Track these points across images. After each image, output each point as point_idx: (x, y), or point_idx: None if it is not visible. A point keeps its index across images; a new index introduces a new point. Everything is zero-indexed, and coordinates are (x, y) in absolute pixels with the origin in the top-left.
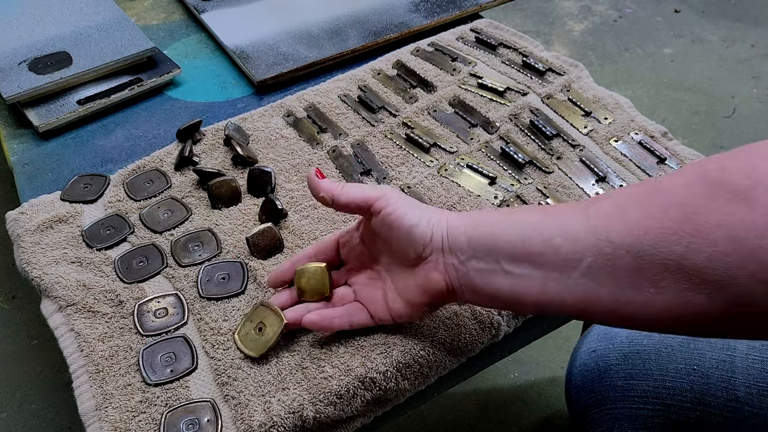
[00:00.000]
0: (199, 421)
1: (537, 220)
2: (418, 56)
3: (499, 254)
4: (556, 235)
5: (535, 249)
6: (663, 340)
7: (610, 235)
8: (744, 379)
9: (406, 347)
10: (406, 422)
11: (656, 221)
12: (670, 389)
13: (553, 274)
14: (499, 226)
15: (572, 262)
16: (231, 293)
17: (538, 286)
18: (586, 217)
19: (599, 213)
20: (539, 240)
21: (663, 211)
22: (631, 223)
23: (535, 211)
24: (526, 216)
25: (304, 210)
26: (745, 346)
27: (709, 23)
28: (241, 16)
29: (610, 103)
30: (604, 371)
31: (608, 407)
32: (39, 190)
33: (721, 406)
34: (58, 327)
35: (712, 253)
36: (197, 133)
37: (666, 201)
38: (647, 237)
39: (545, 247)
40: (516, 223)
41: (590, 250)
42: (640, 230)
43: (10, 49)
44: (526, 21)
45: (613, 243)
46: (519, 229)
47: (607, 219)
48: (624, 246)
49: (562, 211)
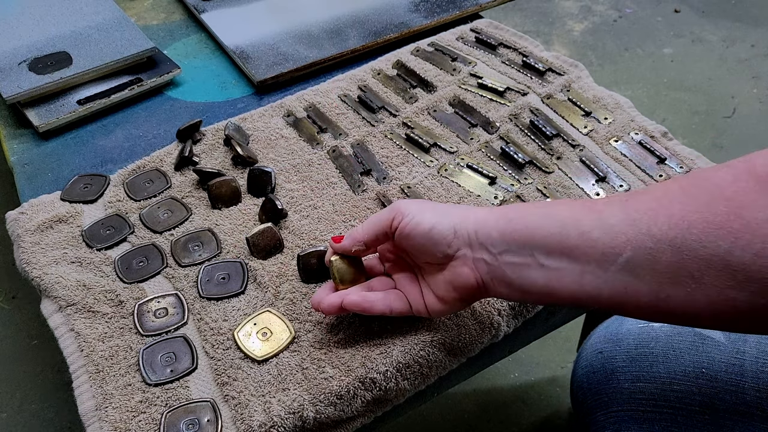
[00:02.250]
0: (199, 421)
1: (574, 212)
2: (418, 56)
3: (535, 247)
4: (595, 228)
5: (572, 242)
6: (671, 343)
7: (652, 229)
8: (753, 382)
9: (406, 347)
10: (406, 422)
11: (701, 215)
12: (678, 392)
13: (591, 267)
14: (533, 220)
15: (611, 255)
16: (231, 293)
17: (574, 279)
18: (625, 210)
19: (640, 207)
20: (576, 233)
21: (708, 205)
22: (675, 217)
23: (572, 204)
24: (563, 208)
25: (304, 210)
26: (754, 349)
27: (709, 23)
28: (241, 16)
29: (610, 103)
30: (611, 373)
31: (615, 409)
32: (39, 190)
33: (729, 410)
34: (58, 327)
35: (760, 249)
36: (197, 133)
37: (711, 195)
38: (691, 231)
39: (583, 241)
40: (552, 216)
41: (630, 244)
42: (684, 224)
43: (10, 49)
44: (526, 21)
45: (654, 237)
46: (555, 222)
47: (648, 213)
48: (666, 240)
49: (600, 205)
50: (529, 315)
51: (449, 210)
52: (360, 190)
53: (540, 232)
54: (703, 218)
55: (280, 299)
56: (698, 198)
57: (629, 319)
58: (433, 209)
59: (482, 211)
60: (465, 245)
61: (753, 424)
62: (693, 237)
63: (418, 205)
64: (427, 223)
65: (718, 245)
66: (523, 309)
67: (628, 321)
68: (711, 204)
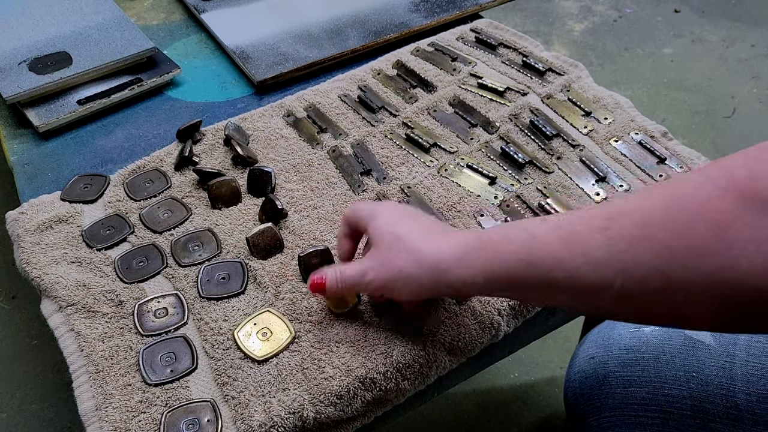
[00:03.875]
0: (199, 421)
1: (556, 250)
2: (418, 56)
3: (522, 291)
4: (582, 264)
5: (562, 284)
6: (662, 347)
7: (638, 258)
8: (743, 386)
9: (406, 347)
10: (406, 422)
11: (684, 242)
12: (669, 397)
13: (581, 298)
14: (515, 269)
15: (602, 288)
16: (231, 293)
17: (568, 302)
18: (609, 241)
19: (624, 235)
20: (564, 276)
21: (690, 229)
22: (659, 245)
23: (549, 241)
24: (544, 248)
25: (304, 210)
26: (744, 353)
27: (709, 23)
28: (241, 16)
29: (610, 103)
30: (603, 378)
31: (607, 414)
32: (39, 190)
33: (720, 414)
34: (58, 327)
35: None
36: (197, 133)
37: (693, 216)
38: (674, 258)
39: (572, 280)
40: (535, 264)
41: (620, 275)
42: (667, 251)
43: (10, 49)
44: (526, 21)
45: (642, 266)
46: (540, 271)
47: (632, 242)
48: (653, 269)
49: (581, 237)
50: (529, 315)
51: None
52: (360, 190)
53: (526, 282)
54: (686, 244)
55: (280, 299)
56: (679, 222)
57: (620, 324)
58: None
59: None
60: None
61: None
62: (677, 263)
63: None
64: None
65: (702, 269)
66: (523, 309)
67: (619, 326)
68: (693, 227)
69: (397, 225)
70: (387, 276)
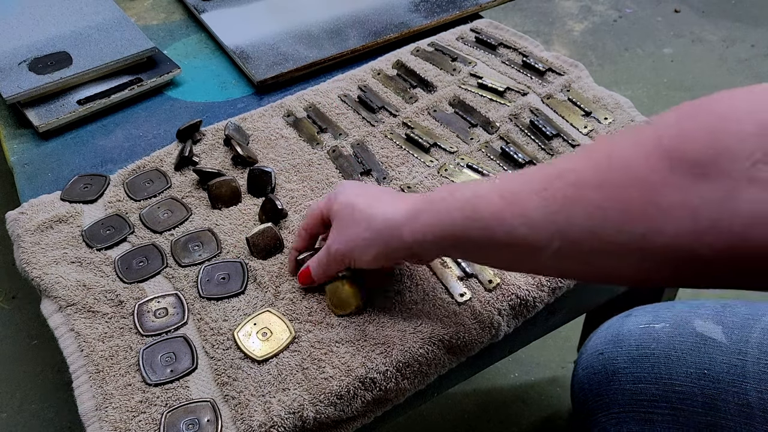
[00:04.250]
0: (199, 421)
1: (498, 209)
2: (418, 56)
3: (468, 250)
4: (520, 225)
5: (503, 242)
6: (672, 344)
7: (572, 220)
8: (755, 383)
9: (406, 347)
10: (406, 422)
11: (615, 204)
12: (679, 393)
13: (521, 257)
14: (461, 229)
15: (540, 248)
16: (231, 293)
17: (512, 261)
18: (545, 202)
19: (557, 197)
20: (503, 233)
21: (622, 191)
22: (591, 207)
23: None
24: (486, 206)
25: (304, 210)
26: (756, 350)
27: (709, 23)
28: (241, 16)
29: (610, 103)
30: (612, 374)
31: (616, 410)
32: (39, 190)
33: (732, 411)
34: (58, 327)
35: (675, 232)
36: (197, 133)
37: (624, 177)
38: (607, 220)
39: (510, 238)
40: (478, 220)
41: (557, 236)
42: (600, 213)
43: (10, 49)
44: (526, 21)
45: (576, 226)
46: (482, 228)
47: (564, 203)
48: (586, 230)
49: (520, 197)
50: (529, 315)
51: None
52: None
53: (469, 239)
54: (618, 207)
55: (280, 299)
56: (611, 183)
57: (630, 320)
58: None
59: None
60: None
61: (755, 426)
62: (610, 225)
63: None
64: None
65: (634, 232)
66: (523, 309)
67: (629, 322)
68: (625, 189)
69: (353, 197)
70: (346, 245)
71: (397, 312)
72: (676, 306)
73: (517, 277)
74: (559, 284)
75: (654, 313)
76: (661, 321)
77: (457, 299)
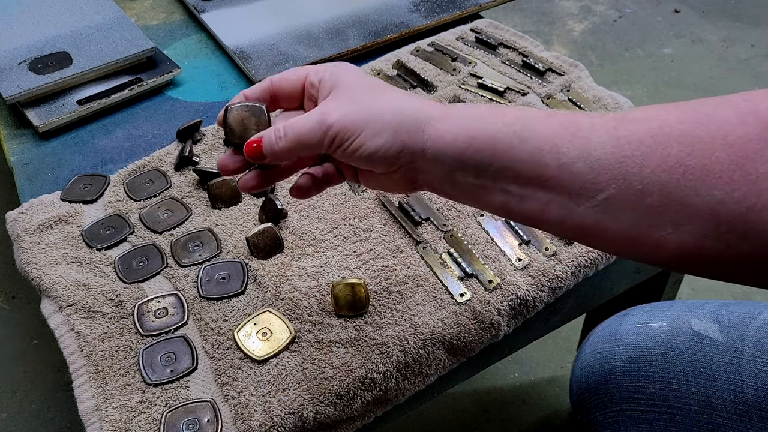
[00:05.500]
0: (199, 421)
1: (554, 134)
2: (418, 56)
3: (500, 174)
4: (578, 158)
5: (550, 173)
6: (669, 343)
7: (643, 170)
8: (752, 381)
9: (406, 347)
10: (406, 422)
11: (699, 162)
12: (676, 392)
13: (561, 198)
14: (503, 140)
15: (590, 191)
16: (231, 293)
17: (537, 207)
18: (615, 141)
19: (633, 140)
20: (556, 164)
21: (709, 150)
22: (671, 159)
23: (549, 122)
24: (541, 128)
25: (304, 210)
26: (752, 348)
27: (709, 23)
28: (241, 16)
29: (610, 103)
30: (610, 373)
31: (614, 409)
32: (39, 190)
33: (728, 409)
34: (58, 327)
35: (754, 204)
36: (197, 133)
37: (713, 138)
38: (687, 178)
39: (562, 172)
40: (527, 138)
41: (615, 182)
42: (680, 169)
43: (10, 49)
44: (526, 21)
45: (644, 178)
46: (531, 146)
47: (642, 150)
48: (657, 183)
49: (584, 128)
50: (529, 315)
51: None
52: (360, 190)
53: (509, 156)
54: (702, 165)
55: (280, 299)
56: (698, 140)
57: (628, 319)
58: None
59: (437, 120)
60: (409, 162)
61: (751, 423)
62: (687, 184)
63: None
64: (370, 146)
65: (712, 195)
66: (523, 309)
67: (626, 321)
68: (712, 149)
69: (362, 73)
70: (357, 117)
71: (397, 312)
72: (673, 305)
73: (517, 277)
74: (559, 284)
75: (651, 312)
76: (659, 320)
77: (457, 299)
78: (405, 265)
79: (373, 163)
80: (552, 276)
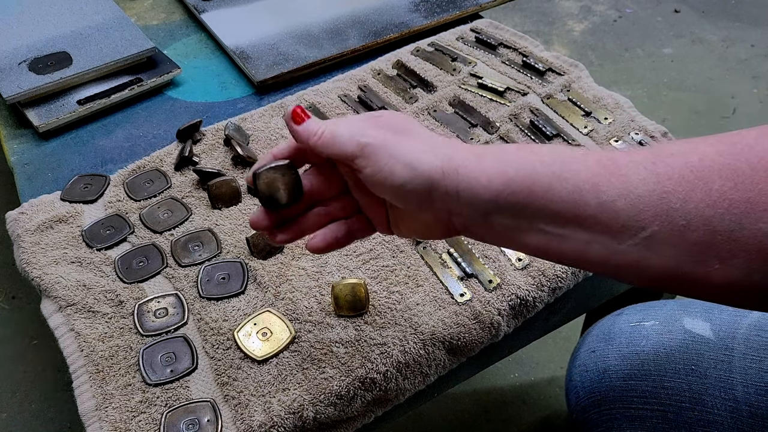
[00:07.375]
0: (199, 421)
1: (592, 174)
2: (418, 56)
3: (537, 214)
4: (619, 197)
5: (589, 212)
6: (661, 341)
7: (687, 206)
8: (742, 378)
9: (406, 347)
10: (406, 422)
11: (743, 195)
12: (668, 389)
13: (603, 238)
14: (541, 181)
15: (632, 229)
16: (231, 293)
17: (578, 247)
18: (656, 178)
19: (672, 174)
20: (596, 202)
21: (752, 182)
22: (714, 193)
23: (587, 161)
24: (578, 167)
25: None
26: (743, 346)
27: (709, 23)
28: (241, 16)
29: (610, 103)
30: (603, 372)
31: (607, 407)
32: (39, 190)
33: (719, 406)
34: (58, 327)
35: None
36: (197, 133)
37: (755, 169)
38: (731, 212)
39: (602, 211)
40: (565, 178)
41: (658, 219)
42: (725, 203)
43: (10, 49)
44: (526, 21)
45: (688, 214)
46: (569, 186)
47: (683, 185)
48: (701, 219)
49: (623, 165)
50: (529, 315)
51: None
52: None
53: (548, 197)
54: (746, 198)
55: (280, 299)
56: (740, 172)
57: (621, 318)
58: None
59: (472, 162)
60: (442, 203)
61: (742, 420)
62: (732, 218)
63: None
64: (397, 177)
65: (758, 228)
66: (523, 309)
67: (620, 320)
68: (754, 181)
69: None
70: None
71: (397, 312)
72: (666, 304)
73: (517, 277)
74: (559, 284)
75: (645, 311)
76: (651, 319)
77: (457, 299)
78: (405, 265)
79: (402, 197)
80: (552, 276)
